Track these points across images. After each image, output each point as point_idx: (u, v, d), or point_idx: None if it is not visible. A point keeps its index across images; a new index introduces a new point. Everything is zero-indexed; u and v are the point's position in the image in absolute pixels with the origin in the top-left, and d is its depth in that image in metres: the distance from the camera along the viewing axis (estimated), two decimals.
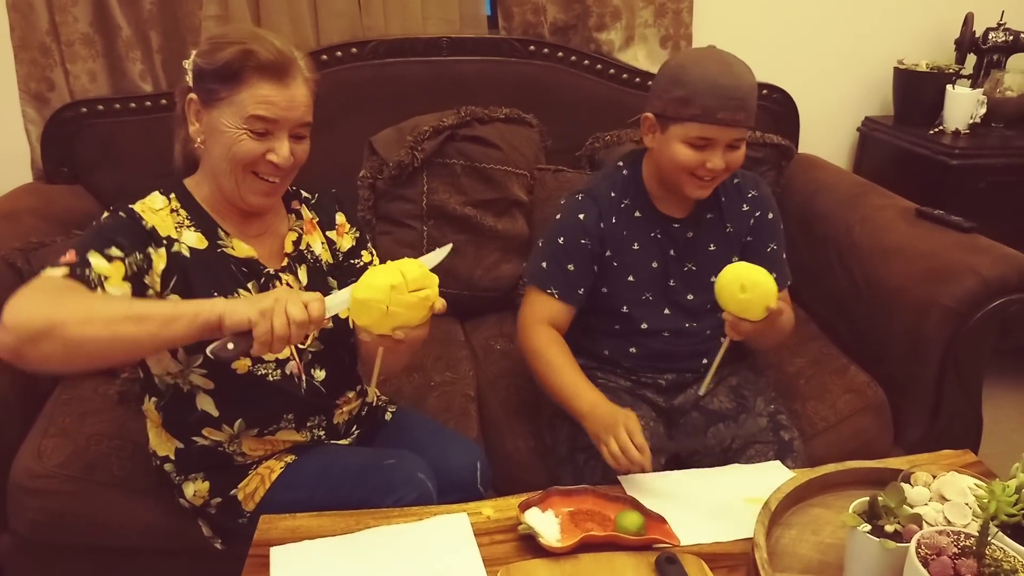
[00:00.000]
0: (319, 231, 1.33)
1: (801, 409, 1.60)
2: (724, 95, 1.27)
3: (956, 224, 1.71)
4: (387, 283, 1.00)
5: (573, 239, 1.42)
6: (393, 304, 1.00)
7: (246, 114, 1.11)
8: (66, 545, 1.45)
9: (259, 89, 1.11)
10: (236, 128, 1.12)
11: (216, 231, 1.20)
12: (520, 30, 2.12)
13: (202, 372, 1.18)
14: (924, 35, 2.35)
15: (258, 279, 1.21)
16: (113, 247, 1.07)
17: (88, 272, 1.03)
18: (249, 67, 1.10)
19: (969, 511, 0.91)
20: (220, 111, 1.12)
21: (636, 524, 1.03)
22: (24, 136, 2.01)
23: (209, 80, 1.12)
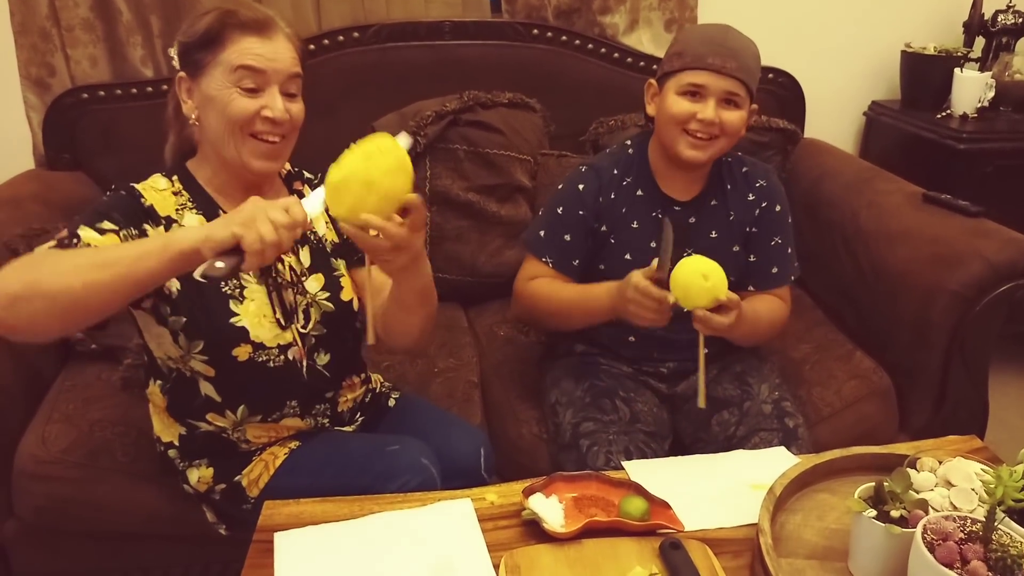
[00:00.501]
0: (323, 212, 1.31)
1: (806, 395, 1.60)
2: (715, 43, 1.32)
3: (963, 209, 1.70)
4: (360, 153, 0.94)
5: (571, 210, 1.44)
6: (372, 172, 0.93)
7: (233, 67, 1.11)
8: (70, 531, 1.46)
9: (242, 44, 1.11)
10: (226, 88, 1.12)
11: (217, 212, 1.19)
12: (523, 14, 2.10)
13: (203, 359, 1.18)
14: (932, 18, 2.32)
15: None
16: (106, 221, 1.07)
17: (76, 243, 1.03)
18: (230, 25, 1.11)
19: (975, 496, 0.91)
20: (209, 76, 1.13)
21: (640, 510, 1.03)
22: (25, 122, 2.00)
23: (194, 51, 1.13)
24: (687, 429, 1.47)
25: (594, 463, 1.30)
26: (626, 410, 1.39)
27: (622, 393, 1.42)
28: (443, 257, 1.93)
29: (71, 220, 1.42)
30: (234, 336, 1.16)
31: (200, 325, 1.16)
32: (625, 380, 1.46)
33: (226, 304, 1.17)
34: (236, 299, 1.18)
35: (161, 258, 0.93)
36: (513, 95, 1.97)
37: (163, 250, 0.93)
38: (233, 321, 1.17)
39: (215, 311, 1.16)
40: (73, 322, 0.98)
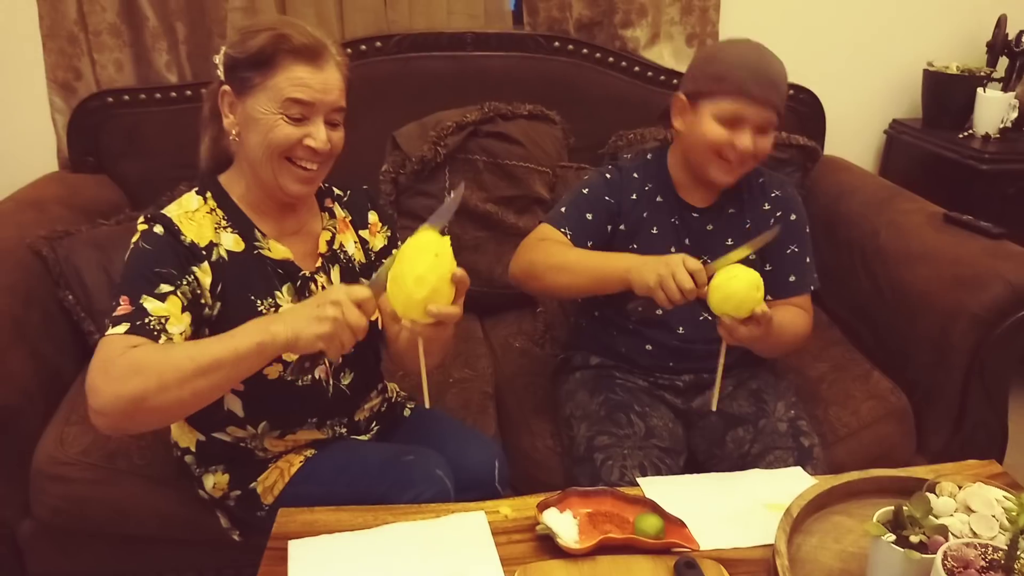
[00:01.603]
0: (352, 230, 1.32)
1: (823, 415, 1.59)
2: (758, 72, 1.30)
3: (985, 230, 1.68)
4: (430, 253, 0.98)
5: (598, 193, 1.44)
6: (448, 269, 0.98)
7: (282, 97, 1.10)
8: (86, 532, 1.46)
9: (294, 72, 1.10)
10: (272, 113, 1.11)
11: (253, 232, 1.19)
12: (545, 26, 2.11)
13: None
14: (955, 37, 2.31)
15: (293, 282, 1.21)
16: (162, 284, 1.07)
17: (148, 320, 1.04)
18: (283, 51, 1.10)
19: (996, 523, 0.89)
20: (255, 98, 1.11)
21: (655, 527, 1.03)
22: (51, 125, 2.03)
23: (242, 69, 1.12)
24: (701, 445, 1.47)
25: (608, 477, 1.29)
26: (641, 425, 1.38)
27: (637, 408, 1.42)
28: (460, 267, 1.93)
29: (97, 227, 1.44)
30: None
31: None
32: (640, 395, 1.46)
33: None
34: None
35: (259, 360, 1.01)
36: (533, 107, 1.98)
37: (259, 354, 1.00)
38: None
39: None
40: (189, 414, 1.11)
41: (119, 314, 1.04)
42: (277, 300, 1.19)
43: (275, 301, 1.19)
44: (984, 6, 2.25)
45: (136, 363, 0.99)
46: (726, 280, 1.19)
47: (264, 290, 1.18)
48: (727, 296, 1.19)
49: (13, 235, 1.62)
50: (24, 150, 2.04)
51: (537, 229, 1.44)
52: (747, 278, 1.18)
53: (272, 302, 1.18)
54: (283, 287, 1.20)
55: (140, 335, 1.02)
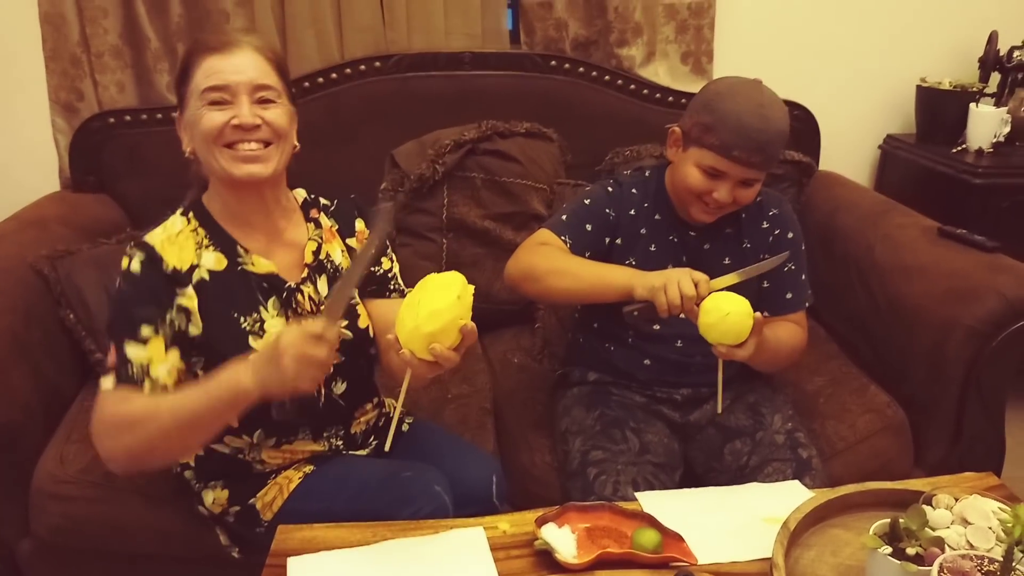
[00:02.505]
0: (339, 239, 1.32)
1: (820, 428, 1.59)
2: (745, 135, 1.28)
3: (979, 243, 1.69)
4: (453, 294, 1.00)
5: (599, 205, 1.45)
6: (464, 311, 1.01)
7: (200, 89, 1.14)
8: (86, 550, 1.46)
9: (205, 65, 1.15)
10: (198, 109, 1.15)
11: (235, 248, 1.20)
12: (542, 45, 2.13)
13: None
14: (947, 53, 2.34)
15: (279, 294, 1.22)
16: (142, 326, 1.10)
17: (130, 369, 1.09)
18: (195, 53, 1.17)
19: (992, 535, 0.90)
20: (188, 107, 1.17)
21: (653, 542, 1.03)
22: (53, 145, 2.05)
23: (178, 88, 1.20)
24: (699, 459, 1.47)
25: (601, 492, 1.30)
26: (636, 441, 1.39)
27: (632, 424, 1.42)
28: None
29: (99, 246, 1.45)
30: None
31: (218, 362, 1.14)
32: (636, 411, 1.47)
33: (246, 340, 1.18)
34: (256, 334, 1.18)
35: (237, 410, 1.07)
36: (531, 125, 2.00)
37: (235, 407, 1.06)
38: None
39: (235, 348, 1.15)
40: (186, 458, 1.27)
41: (108, 365, 1.11)
42: (262, 315, 1.20)
43: (260, 316, 1.19)
44: (975, 22, 2.28)
45: (124, 422, 1.07)
46: (715, 309, 1.20)
47: (248, 306, 1.19)
48: (714, 324, 1.20)
49: (15, 254, 1.63)
50: (26, 170, 2.06)
51: (537, 233, 1.45)
52: (738, 309, 1.19)
53: (257, 317, 1.19)
54: (268, 302, 1.21)
55: (126, 385, 1.09)
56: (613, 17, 2.11)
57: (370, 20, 2.08)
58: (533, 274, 1.36)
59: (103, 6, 1.95)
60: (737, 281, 1.25)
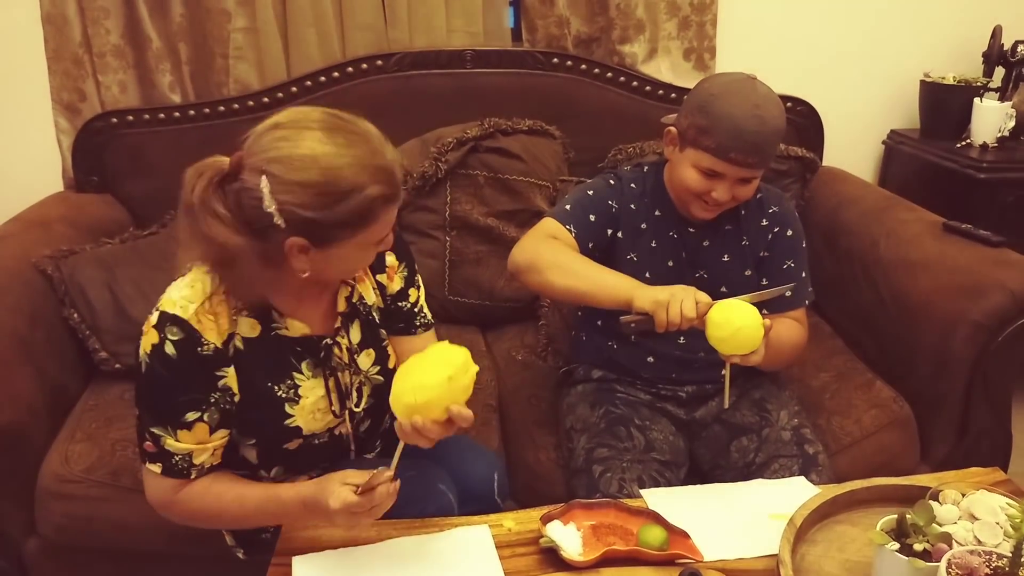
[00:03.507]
0: (370, 276, 1.24)
1: (826, 424, 1.59)
2: (741, 137, 1.27)
3: (984, 238, 1.69)
4: (443, 376, 0.97)
5: (602, 196, 1.45)
6: (454, 393, 0.98)
7: (374, 241, 1.06)
8: (91, 549, 1.47)
9: (386, 216, 1.04)
10: (357, 253, 1.07)
11: (270, 313, 1.11)
12: (544, 43, 2.13)
13: (252, 449, 1.17)
14: (951, 48, 2.33)
15: (315, 355, 1.15)
16: (187, 413, 1.05)
17: (176, 462, 1.07)
18: (380, 205, 1.02)
19: (1000, 531, 0.90)
20: (342, 247, 1.03)
21: (659, 539, 1.03)
22: (56, 146, 2.05)
23: (328, 228, 1.00)
24: (705, 456, 1.47)
25: (607, 489, 1.29)
26: (641, 438, 1.39)
27: (638, 421, 1.42)
28: (462, 281, 1.95)
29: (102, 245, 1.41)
30: (287, 435, 1.14)
31: (253, 427, 1.13)
32: (641, 408, 1.46)
33: (281, 408, 1.13)
34: (292, 401, 1.14)
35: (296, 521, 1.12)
36: (533, 122, 2.00)
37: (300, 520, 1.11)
38: (288, 423, 1.14)
39: (270, 415, 1.13)
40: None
41: (148, 450, 1.07)
42: (296, 380, 1.14)
43: (294, 382, 1.14)
44: (979, 17, 2.27)
45: (187, 513, 1.11)
46: (726, 323, 1.15)
47: (282, 374, 1.13)
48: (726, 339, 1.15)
49: (19, 254, 1.64)
50: (29, 170, 2.06)
51: (542, 223, 1.43)
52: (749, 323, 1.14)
53: (291, 384, 1.14)
54: (303, 364, 1.15)
55: (173, 477, 1.08)
56: (615, 14, 2.10)
57: (372, 18, 2.07)
58: (536, 265, 1.35)
59: (105, 6, 1.95)
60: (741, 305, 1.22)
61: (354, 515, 0.99)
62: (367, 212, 1.01)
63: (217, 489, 1.10)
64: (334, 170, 0.98)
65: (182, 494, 1.09)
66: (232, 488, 1.10)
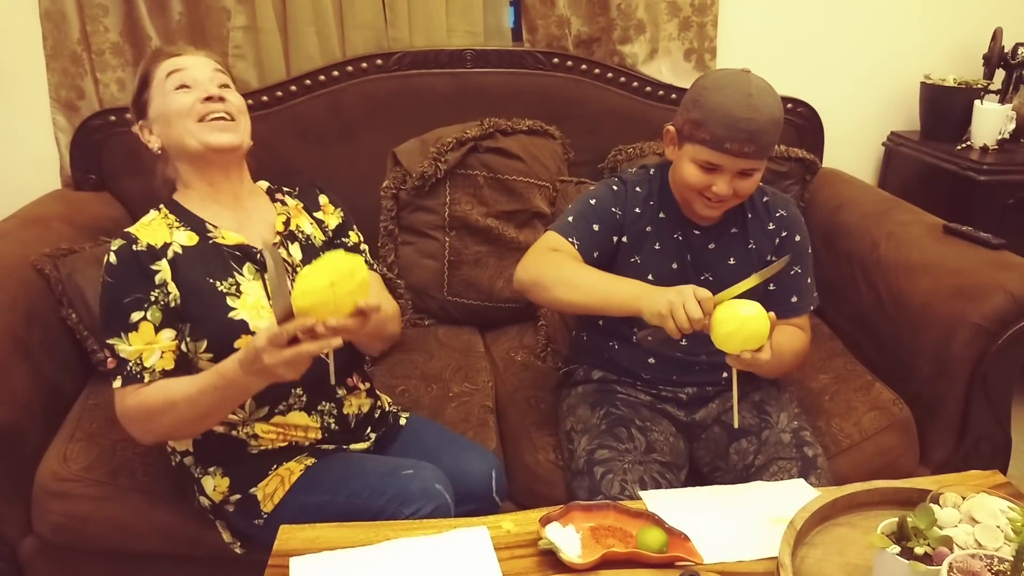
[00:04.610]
0: (306, 214, 1.40)
1: (825, 426, 1.58)
2: (735, 126, 1.27)
3: (984, 241, 1.69)
4: (325, 282, 1.03)
5: (605, 204, 1.45)
6: (338, 298, 1.03)
7: (161, 83, 1.27)
8: (89, 548, 1.46)
9: (164, 64, 1.28)
10: (165, 96, 1.26)
11: (204, 226, 1.27)
12: (544, 43, 2.13)
13: (208, 357, 1.22)
14: (952, 50, 2.33)
15: (253, 261, 1.28)
16: (132, 313, 1.18)
17: (130, 368, 1.17)
18: (153, 60, 1.30)
19: (1001, 534, 0.89)
20: (152, 105, 1.28)
21: (658, 541, 1.02)
22: (54, 144, 2.04)
23: (138, 96, 1.31)
24: (705, 458, 1.47)
25: (608, 491, 1.29)
26: (642, 439, 1.38)
27: (638, 422, 1.41)
28: (461, 282, 1.94)
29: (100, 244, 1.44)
30: (234, 329, 1.21)
31: (201, 325, 1.22)
32: (642, 409, 1.46)
33: (223, 301, 1.22)
34: (233, 295, 1.23)
35: (246, 398, 1.22)
36: (533, 122, 1.99)
37: (244, 397, 1.21)
38: (232, 315, 1.22)
39: (214, 309, 1.22)
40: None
41: (110, 367, 1.19)
42: (238, 279, 1.25)
43: (236, 280, 1.25)
44: (980, 19, 2.27)
45: (144, 414, 1.17)
46: (731, 318, 1.15)
47: (223, 272, 1.25)
48: (733, 332, 1.15)
49: (16, 253, 1.63)
50: (27, 168, 2.05)
51: (545, 237, 1.43)
52: (754, 313, 1.14)
53: (233, 281, 1.25)
54: (243, 267, 1.27)
55: (131, 383, 1.17)
56: (616, 14, 2.10)
57: (371, 18, 2.07)
58: (542, 283, 1.35)
59: (103, 4, 1.95)
60: (741, 292, 1.22)
61: (287, 359, 1.04)
62: (145, 72, 1.31)
63: (167, 383, 1.17)
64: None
65: (138, 395, 1.16)
66: (180, 380, 1.18)
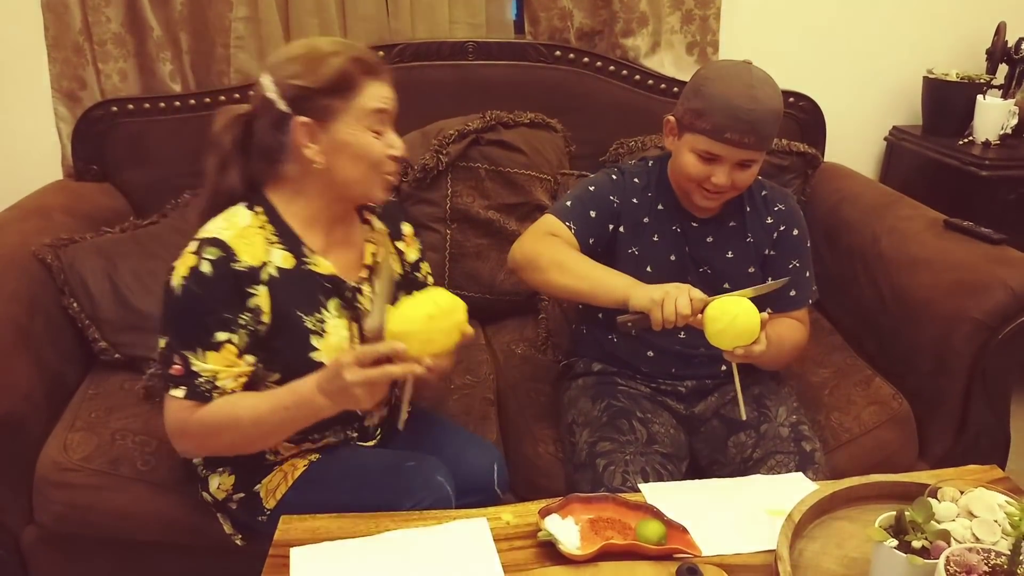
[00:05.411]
0: (390, 242, 1.36)
1: (824, 420, 1.59)
2: (735, 116, 1.27)
3: (985, 236, 1.68)
4: (424, 313, 1.04)
5: (603, 192, 1.45)
6: (431, 333, 1.04)
7: (367, 112, 1.15)
8: (89, 538, 1.47)
9: (372, 88, 1.15)
10: (362, 133, 1.15)
11: (301, 249, 1.20)
12: (546, 35, 2.12)
13: (274, 379, 1.19)
14: (955, 44, 2.32)
15: (340, 295, 1.23)
16: (217, 332, 1.11)
17: (199, 384, 1.11)
18: (359, 72, 1.14)
19: (998, 528, 0.90)
20: (340, 123, 1.14)
21: (657, 533, 1.03)
22: (55, 134, 2.04)
23: (320, 97, 1.13)
24: (703, 451, 1.47)
25: (610, 483, 1.30)
26: (643, 431, 1.39)
27: (639, 414, 1.42)
28: (462, 274, 1.94)
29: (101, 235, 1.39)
30: (312, 370, 1.15)
31: (280, 358, 1.17)
32: (642, 401, 1.46)
33: (307, 339, 1.18)
34: (318, 334, 1.19)
35: (312, 420, 1.13)
36: (535, 115, 1.99)
37: (312, 419, 1.13)
38: (312, 355, 1.18)
39: (297, 345, 1.17)
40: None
41: (174, 374, 1.11)
42: (323, 316, 1.20)
43: (322, 317, 1.20)
44: (983, 14, 2.26)
45: (204, 430, 1.13)
46: (722, 314, 1.17)
47: (311, 306, 1.19)
48: (725, 329, 1.17)
49: (18, 243, 1.63)
50: (29, 159, 2.05)
51: (542, 219, 1.44)
52: (743, 308, 1.16)
53: (319, 318, 1.20)
54: (329, 302, 1.21)
55: (196, 399, 1.11)
56: (618, 7, 2.09)
57: (373, 9, 2.06)
58: (536, 264, 1.35)
59: None
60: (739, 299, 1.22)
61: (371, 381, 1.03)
62: (347, 75, 1.13)
63: (232, 399, 1.12)
64: (314, 43, 1.17)
65: (199, 412, 1.11)
66: (247, 396, 1.14)
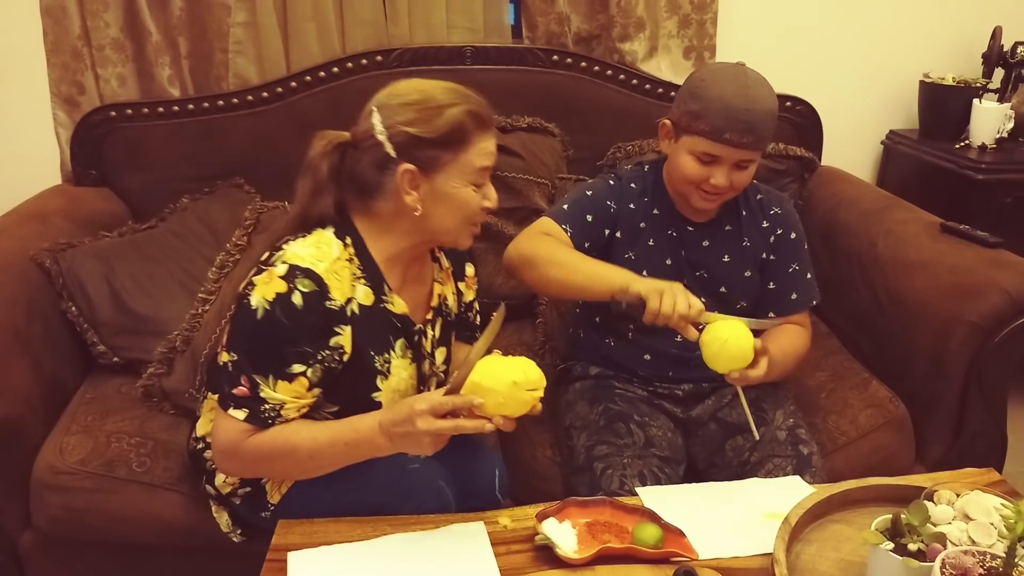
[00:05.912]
0: (452, 282, 1.36)
1: (821, 423, 1.59)
2: (733, 116, 1.28)
3: (982, 239, 1.69)
4: (511, 378, 1.04)
5: (600, 197, 1.45)
6: (510, 398, 1.03)
7: (474, 170, 1.13)
8: (86, 541, 1.46)
9: (483, 144, 1.14)
10: (464, 187, 1.14)
11: (382, 286, 1.19)
12: (544, 40, 2.13)
13: (331, 411, 1.20)
14: (951, 48, 2.33)
15: (408, 336, 1.23)
16: (294, 364, 1.09)
17: (264, 410, 1.09)
18: (473, 127, 1.12)
19: (994, 531, 0.90)
20: (445, 175, 1.13)
21: (654, 537, 1.03)
22: (54, 139, 2.04)
23: (431, 148, 1.11)
24: (700, 454, 1.47)
25: (608, 486, 1.30)
26: (640, 434, 1.39)
27: (636, 417, 1.42)
28: None
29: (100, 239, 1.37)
30: (368, 408, 1.16)
31: (342, 392, 1.17)
32: (640, 404, 1.47)
33: (374, 379, 1.18)
34: (383, 375, 1.19)
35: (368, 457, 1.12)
36: (532, 120, 2.00)
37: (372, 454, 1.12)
38: (374, 396, 1.19)
39: (362, 384, 1.18)
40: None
41: (237, 395, 1.09)
42: (390, 356, 1.20)
43: (388, 357, 1.20)
44: (979, 18, 2.27)
45: (259, 455, 1.11)
46: (713, 340, 1.19)
47: (381, 345, 1.19)
48: (717, 353, 1.19)
49: (16, 247, 1.63)
50: (27, 163, 2.05)
51: (539, 221, 1.45)
52: (734, 333, 1.18)
53: (386, 358, 1.20)
54: (397, 342, 1.21)
55: (257, 425, 1.10)
56: (615, 12, 2.10)
57: (371, 14, 2.07)
58: (532, 261, 1.36)
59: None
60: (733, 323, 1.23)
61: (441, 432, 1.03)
62: (461, 129, 1.11)
63: (291, 428, 1.11)
64: (429, 91, 1.14)
65: (256, 437, 1.10)
66: (305, 425, 1.12)
